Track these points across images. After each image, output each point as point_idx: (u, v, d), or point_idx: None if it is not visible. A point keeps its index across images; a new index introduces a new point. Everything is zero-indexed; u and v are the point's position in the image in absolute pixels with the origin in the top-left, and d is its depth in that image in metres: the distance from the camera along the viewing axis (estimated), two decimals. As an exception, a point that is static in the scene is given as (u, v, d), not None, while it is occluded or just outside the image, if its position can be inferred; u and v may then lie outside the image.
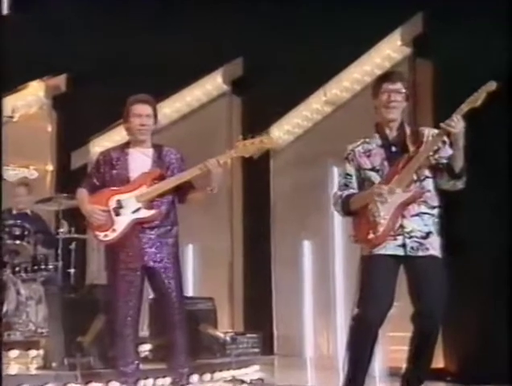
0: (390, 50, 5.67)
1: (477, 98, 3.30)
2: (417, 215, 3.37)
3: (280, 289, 6.43)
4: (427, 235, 3.37)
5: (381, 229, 3.32)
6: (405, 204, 3.35)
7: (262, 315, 6.41)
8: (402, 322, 3.44)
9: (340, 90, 6.07)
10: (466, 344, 4.82)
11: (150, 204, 3.91)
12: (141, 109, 3.94)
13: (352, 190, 3.47)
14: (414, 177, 3.38)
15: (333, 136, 5.73)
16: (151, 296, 4.15)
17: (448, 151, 3.40)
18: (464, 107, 3.31)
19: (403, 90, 3.44)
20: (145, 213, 3.89)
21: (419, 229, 3.36)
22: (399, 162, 3.38)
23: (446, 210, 3.47)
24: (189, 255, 6.79)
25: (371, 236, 3.34)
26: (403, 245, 3.34)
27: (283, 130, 6.55)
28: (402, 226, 3.35)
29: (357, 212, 3.43)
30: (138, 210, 3.88)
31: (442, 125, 3.31)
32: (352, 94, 5.99)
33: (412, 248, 3.34)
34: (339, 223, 5.70)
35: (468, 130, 3.34)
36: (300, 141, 6.48)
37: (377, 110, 3.47)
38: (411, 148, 3.40)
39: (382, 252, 3.35)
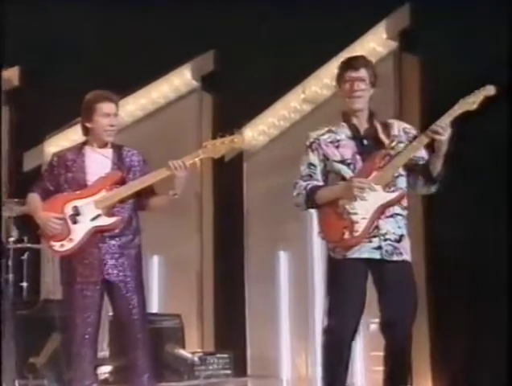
0: (375, 43, 5.70)
1: (474, 101, 3.33)
2: (391, 216, 3.40)
3: (254, 304, 6.43)
4: (400, 238, 3.41)
5: (360, 229, 3.32)
6: (387, 206, 3.38)
7: (234, 333, 6.41)
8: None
9: (320, 87, 6.09)
10: (455, 364, 4.87)
11: (110, 211, 3.88)
12: (109, 108, 3.92)
13: (316, 182, 3.46)
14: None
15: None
16: (111, 312, 4.12)
17: (422, 152, 3.44)
18: (458, 109, 3.34)
19: (368, 77, 3.47)
20: (105, 221, 3.86)
21: (393, 231, 3.40)
22: (375, 157, 3.40)
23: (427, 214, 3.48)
24: (154, 267, 6.78)
25: (347, 236, 3.33)
26: (379, 248, 3.36)
27: (258, 131, 6.56)
28: (377, 227, 3.37)
29: (322, 208, 3.42)
30: (97, 217, 3.86)
31: (429, 132, 3.35)
32: (333, 92, 5.99)
33: (387, 251, 3.37)
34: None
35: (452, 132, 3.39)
36: (276, 143, 6.50)
37: (343, 99, 3.51)
38: (386, 141, 3.44)
39: (357, 255, 3.35)
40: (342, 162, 3.43)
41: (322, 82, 6.08)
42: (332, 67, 5.92)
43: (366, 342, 3.43)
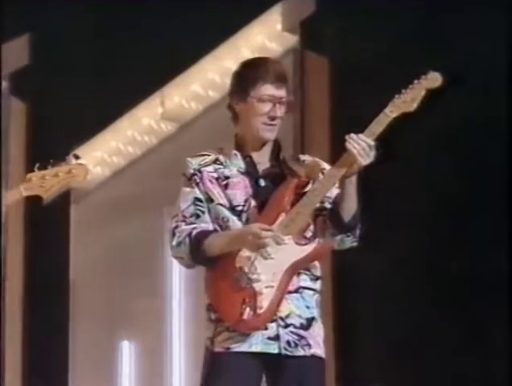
0: (265, 37, 5.83)
1: (413, 98, 3.30)
2: (296, 290, 3.39)
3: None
4: (310, 323, 3.40)
5: (264, 304, 3.31)
6: (299, 265, 3.37)
7: None
8: None
9: (187, 98, 6.12)
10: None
11: None
12: None
13: (205, 226, 3.42)
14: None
15: (173, 169, 5.73)
16: None
17: (333, 191, 3.45)
18: (391, 113, 3.27)
19: (286, 98, 3.44)
20: None
21: (299, 314, 3.39)
22: (286, 189, 3.39)
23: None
24: None
25: (247, 315, 3.30)
26: (277, 338, 3.36)
27: (94, 159, 6.51)
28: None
29: (214, 264, 3.40)
30: None
31: (353, 154, 3.30)
32: (205, 104, 6.05)
33: (288, 343, 3.36)
34: (181, 311, 5.69)
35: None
36: (121, 177, 6.52)
37: (244, 121, 3.46)
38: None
39: (245, 348, 3.33)
40: (231, 209, 3.42)
41: (190, 91, 6.10)
42: (202, 70, 5.98)
43: None
